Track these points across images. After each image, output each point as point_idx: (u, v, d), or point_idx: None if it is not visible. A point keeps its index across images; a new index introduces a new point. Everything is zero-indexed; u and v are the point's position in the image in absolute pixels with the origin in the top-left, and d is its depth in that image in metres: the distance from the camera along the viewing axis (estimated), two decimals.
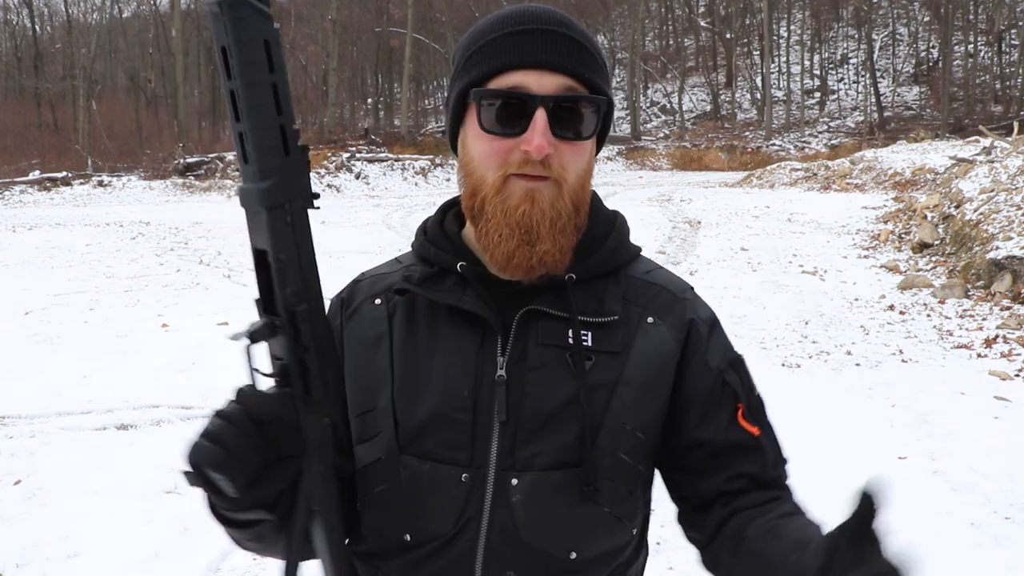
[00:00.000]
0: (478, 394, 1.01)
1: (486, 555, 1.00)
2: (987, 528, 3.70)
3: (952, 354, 6.61)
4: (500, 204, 0.98)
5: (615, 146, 38.03)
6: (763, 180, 22.74)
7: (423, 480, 1.01)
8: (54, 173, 23.74)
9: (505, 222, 0.98)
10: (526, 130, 0.95)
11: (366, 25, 46.49)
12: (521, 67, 0.97)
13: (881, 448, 4.66)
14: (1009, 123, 24.90)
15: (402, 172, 26.87)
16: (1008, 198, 9.80)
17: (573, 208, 1.00)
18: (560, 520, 1.00)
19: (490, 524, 1.00)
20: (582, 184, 1.02)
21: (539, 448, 1.00)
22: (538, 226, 0.98)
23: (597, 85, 1.00)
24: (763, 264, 10.67)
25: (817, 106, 45.72)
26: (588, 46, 1.01)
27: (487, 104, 0.97)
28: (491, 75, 0.98)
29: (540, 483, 1.00)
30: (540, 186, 0.98)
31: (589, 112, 0.99)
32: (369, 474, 1.05)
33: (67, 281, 9.82)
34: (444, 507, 1.00)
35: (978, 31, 42.16)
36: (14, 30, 43.52)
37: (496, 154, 0.98)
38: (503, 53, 0.98)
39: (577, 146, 0.99)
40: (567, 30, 0.99)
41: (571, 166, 0.99)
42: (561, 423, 1.00)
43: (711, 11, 53.70)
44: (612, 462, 1.01)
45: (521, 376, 1.01)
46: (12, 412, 5.29)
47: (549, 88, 0.96)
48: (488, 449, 1.00)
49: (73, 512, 3.90)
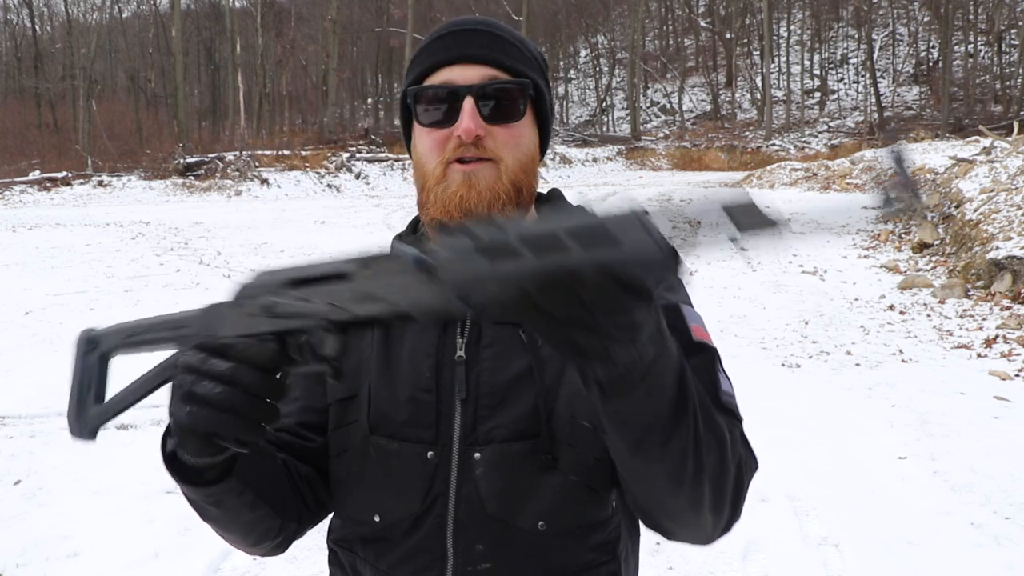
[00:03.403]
0: (440, 374, 1.05)
1: (455, 531, 1.03)
2: (987, 528, 3.70)
3: (952, 354, 6.61)
4: (440, 192, 1.04)
5: (615, 146, 38.02)
6: (763, 180, 22.75)
7: (391, 459, 1.05)
8: (54, 173, 23.73)
9: (444, 208, 1.03)
10: (456, 118, 1.03)
11: (366, 25, 46.52)
12: (448, 63, 1.05)
13: (881, 448, 4.66)
14: (1009, 123, 24.89)
15: (402, 172, 26.85)
16: (1008, 198, 9.80)
17: (513, 189, 1.05)
18: (524, 491, 1.02)
19: (457, 500, 1.03)
20: (522, 167, 1.07)
21: (498, 421, 1.03)
22: (475, 208, 1.03)
23: (519, 70, 1.07)
24: (763, 264, 10.68)
25: (817, 106, 45.72)
26: (509, 39, 1.09)
27: (422, 100, 1.06)
28: (424, 75, 1.07)
29: (501, 455, 1.02)
30: (477, 169, 1.03)
31: (516, 96, 1.06)
32: (343, 459, 1.09)
33: (67, 281, 9.82)
34: (411, 485, 1.04)
35: (978, 31, 42.16)
36: (14, 30, 43.53)
37: (435, 146, 1.05)
38: (432, 54, 1.08)
39: (510, 129, 1.05)
40: (488, 27, 1.09)
41: (506, 148, 1.05)
42: (517, 396, 1.03)
43: (711, 11, 53.71)
44: (571, 429, 1.03)
45: (478, 354, 1.06)
46: (12, 412, 5.29)
47: (473, 78, 1.04)
48: (451, 426, 1.04)
49: (73, 512, 3.89)
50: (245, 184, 23.47)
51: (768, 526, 3.63)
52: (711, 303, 8.31)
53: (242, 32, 37.48)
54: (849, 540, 3.58)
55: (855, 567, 3.36)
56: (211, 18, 46.03)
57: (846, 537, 3.60)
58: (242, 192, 23.06)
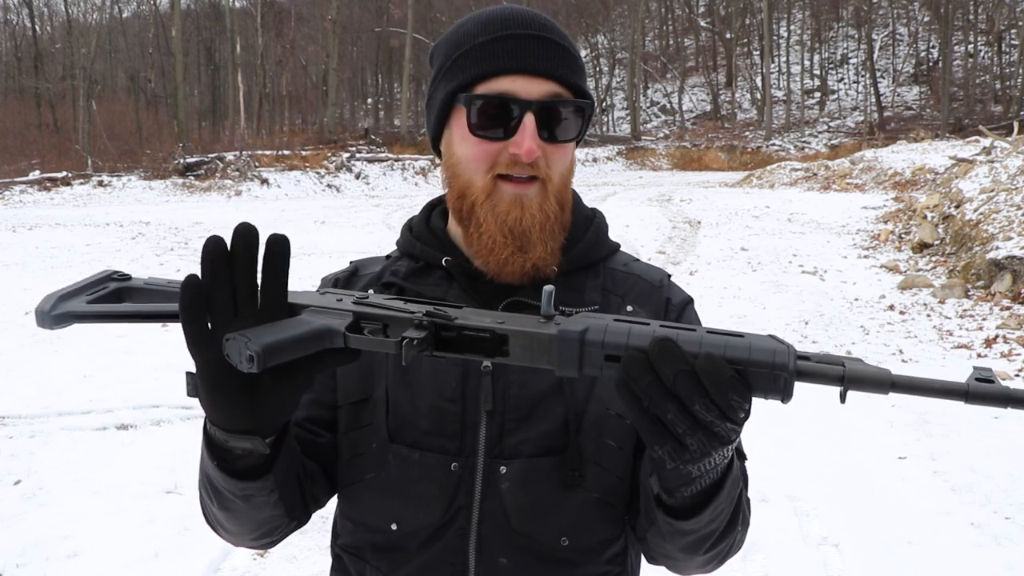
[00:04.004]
0: (465, 384, 1.03)
1: (479, 543, 1.01)
2: (987, 528, 3.70)
3: (952, 354, 6.61)
4: (491, 209, 1.01)
5: (615, 146, 38.02)
6: (763, 180, 22.74)
7: (413, 469, 1.02)
8: (54, 173, 23.70)
9: (498, 229, 1.00)
10: (513, 133, 0.98)
11: (366, 25, 46.51)
12: (508, 72, 0.99)
13: (881, 448, 4.66)
14: (1009, 123, 24.90)
15: (402, 172, 26.85)
16: (1008, 198, 9.80)
17: (559, 207, 1.04)
18: (549, 506, 1.02)
19: (481, 512, 1.01)
20: (565, 182, 1.05)
21: (525, 435, 1.02)
22: (529, 232, 1.01)
23: (581, 88, 1.03)
24: (763, 264, 10.68)
25: (817, 106, 45.72)
26: (570, 49, 1.04)
27: (476, 108, 0.99)
28: (478, 79, 1.00)
29: (528, 470, 1.01)
30: (527, 191, 1.01)
31: (573, 115, 1.02)
32: (357, 463, 1.06)
33: (67, 281, 9.78)
34: (433, 496, 1.02)
35: (978, 31, 42.15)
36: (14, 30, 43.53)
37: (485, 156, 1.00)
38: (489, 58, 1.00)
39: (562, 148, 1.02)
40: (550, 34, 1.02)
41: (556, 166, 1.02)
42: (546, 410, 1.02)
43: (711, 11, 53.70)
44: (597, 447, 1.03)
45: (506, 366, 1.01)
46: (12, 412, 5.29)
47: (536, 93, 0.99)
48: (476, 438, 1.02)
49: (73, 512, 3.89)
50: (245, 184, 23.45)
51: (768, 526, 3.63)
52: (711, 303, 8.31)
53: (242, 32, 37.47)
54: (849, 540, 3.58)
55: (855, 567, 3.36)
56: (211, 18, 46.02)
57: (846, 537, 3.60)
58: (242, 192, 23.04)
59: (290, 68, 44.61)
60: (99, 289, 0.93)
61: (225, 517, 1.00)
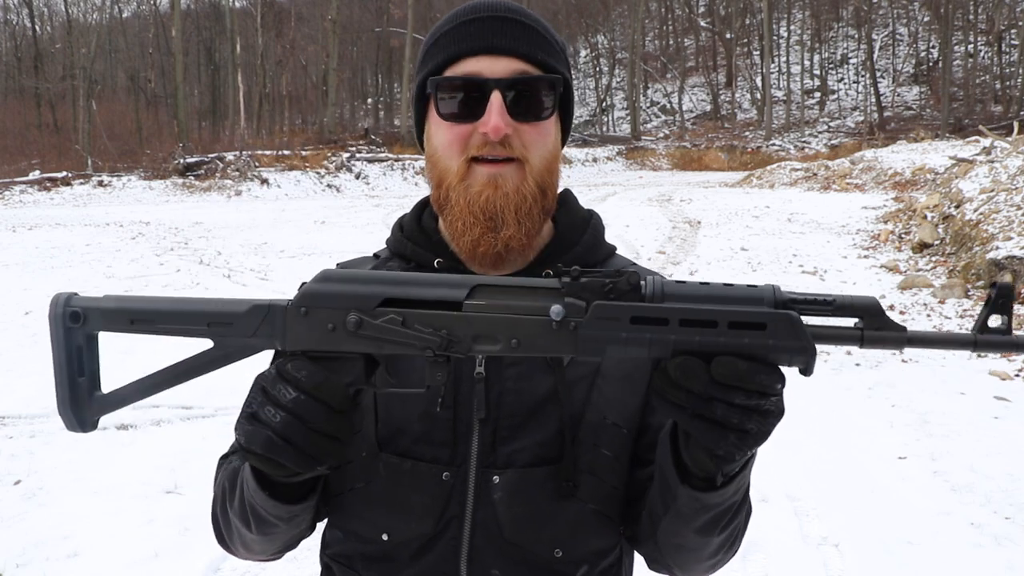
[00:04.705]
0: (458, 391, 1.00)
1: (470, 554, 0.99)
2: (987, 528, 3.70)
3: (952, 354, 6.61)
4: (464, 192, 0.99)
5: (615, 146, 38.01)
6: (763, 180, 22.74)
7: (404, 478, 1.00)
8: (54, 173, 23.70)
9: (468, 209, 0.98)
10: (483, 114, 0.97)
11: (366, 25, 46.49)
12: (473, 53, 0.99)
13: (881, 448, 4.66)
14: (1009, 123, 24.89)
15: (402, 172, 26.85)
16: (1008, 198, 9.80)
17: (539, 191, 1.01)
18: (543, 517, 0.99)
19: (473, 523, 0.99)
20: (547, 166, 1.02)
21: (519, 444, 0.99)
22: (502, 211, 0.98)
23: (550, 65, 1.01)
24: (763, 264, 10.67)
25: (817, 106, 45.70)
26: (539, 28, 1.02)
27: (443, 92, 0.99)
28: (446, 64, 1.00)
29: (521, 480, 0.99)
30: (503, 171, 0.98)
31: (545, 92, 1.00)
32: (346, 472, 1.03)
33: (67, 281, 9.81)
34: (425, 506, 1.00)
35: (978, 31, 42.14)
36: (14, 30, 43.51)
37: (457, 140, 0.99)
38: (455, 42, 1.00)
39: (538, 127, 1.00)
40: (516, 15, 1.01)
41: (533, 147, 1.00)
42: (541, 419, 1.00)
43: (711, 11, 53.68)
44: (593, 456, 1.00)
45: (499, 373, 1.00)
46: (12, 412, 5.28)
47: (500, 71, 0.98)
48: (469, 447, 1.00)
49: (73, 512, 3.89)
50: (245, 184, 23.45)
51: (768, 526, 3.63)
52: None
53: (242, 32, 37.45)
54: (849, 540, 3.58)
55: (855, 567, 3.36)
56: (211, 18, 46.00)
57: (846, 537, 3.60)
58: (242, 192, 23.04)
59: (290, 68, 44.60)
60: (78, 354, 0.88)
61: (261, 540, 0.99)
